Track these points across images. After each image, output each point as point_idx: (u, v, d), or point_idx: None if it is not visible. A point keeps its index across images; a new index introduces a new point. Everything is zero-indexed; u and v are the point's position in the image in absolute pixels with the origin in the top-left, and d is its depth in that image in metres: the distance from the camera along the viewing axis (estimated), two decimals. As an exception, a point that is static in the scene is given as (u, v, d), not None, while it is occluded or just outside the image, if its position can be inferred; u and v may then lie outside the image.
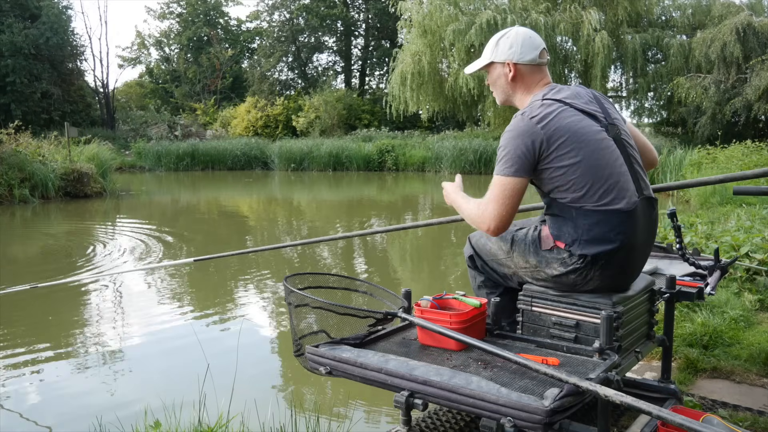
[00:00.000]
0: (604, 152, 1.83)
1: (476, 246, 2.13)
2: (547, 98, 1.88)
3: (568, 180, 1.80)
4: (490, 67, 2.04)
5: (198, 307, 5.13)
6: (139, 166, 22.86)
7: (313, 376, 1.83)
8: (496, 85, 2.05)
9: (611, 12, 19.74)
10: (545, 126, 1.80)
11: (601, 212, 1.79)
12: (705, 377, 2.75)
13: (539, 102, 1.87)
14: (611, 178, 1.80)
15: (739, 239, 4.58)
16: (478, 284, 2.18)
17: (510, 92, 2.03)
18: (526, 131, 1.81)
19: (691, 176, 10.98)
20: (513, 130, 1.84)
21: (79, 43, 31.46)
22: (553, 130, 1.80)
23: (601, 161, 1.81)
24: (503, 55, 2.00)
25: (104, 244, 7.90)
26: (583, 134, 1.82)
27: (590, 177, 1.79)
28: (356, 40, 37.19)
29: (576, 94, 1.93)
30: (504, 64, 2.00)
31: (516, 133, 1.83)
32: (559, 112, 1.83)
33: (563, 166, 1.79)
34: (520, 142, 1.81)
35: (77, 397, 3.36)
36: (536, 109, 1.84)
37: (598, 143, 1.83)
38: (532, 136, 1.80)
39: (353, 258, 7.38)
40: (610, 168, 1.81)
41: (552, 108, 1.84)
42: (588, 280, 1.83)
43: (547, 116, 1.81)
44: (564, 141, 1.79)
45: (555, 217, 1.88)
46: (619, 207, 1.79)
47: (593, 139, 1.83)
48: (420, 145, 22.29)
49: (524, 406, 1.35)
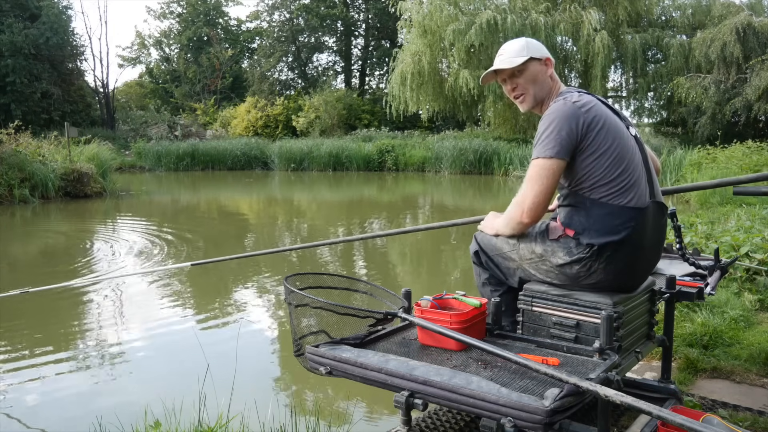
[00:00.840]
0: (630, 148, 1.90)
1: (482, 241, 2.15)
2: (581, 91, 1.95)
3: (598, 168, 1.83)
4: (527, 65, 2.02)
5: (198, 307, 5.13)
6: (139, 166, 22.85)
7: (313, 376, 1.83)
8: (536, 82, 2.02)
9: (611, 12, 19.75)
10: (588, 111, 1.85)
11: (616, 206, 1.84)
12: (705, 377, 2.75)
13: (576, 93, 1.92)
14: (633, 174, 1.86)
15: (739, 239, 4.58)
16: (482, 281, 2.19)
17: (549, 89, 2.04)
18: (571, 113, 1.84)
19: (691, 176, 10.99)
20: (557, 112, 1.86)
21: (79, 43, 31.50)
22: (594, 116, 1.85)
23: (627, 155, 1.87)
24: (539, 51, 2.03)
25: (104, 244, 7.91)
26: (616, 126, 1.89)
27: (616, 168, 1.84)
28: (356, 40, 37.22)
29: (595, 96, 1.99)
30: (542, 60, 2.03)
31: (561, 115, 1.85)
32: (596, 104, 1.90)
33: (597, 152, 1.84)
34: (564, 123, 1.83)
35: (77, 398, 3.35)
36: (577, 97, 1.89)
37: (626, 138, 1.91)
38: (576, 118, 1.84)
39: (353, 258, 7.38)
40: (634, 164, 1.88)
41: (589, 98, 1.91)
42: (591, 272, 1.85)
43: (588, 104, 1.87)
44: (601, 128, 1.84)
45: (569, 207, 1.93)
46: (633, 203, 1.84)
47: (623, 133, 1.90)
48: (420, 145, 22.28)
49: (524, 406, 1.35)
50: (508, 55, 2.04)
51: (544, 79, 2.03)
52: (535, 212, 1.89)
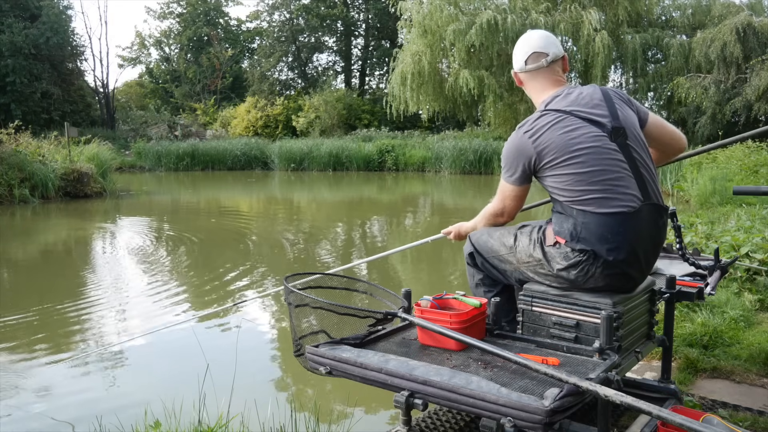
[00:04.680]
0: (602, 158, 1.84)
1: (476, 243, 2.14)
2: (549, 108, 1.94)
3: (565, 186, 1.87)
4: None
5: (197, 307, 5.13)
6: (139, 166, 22.85)
7: (313, 376, 1.83)
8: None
9: (611, 12, 19.75)
10: (536, 140, 1.89)
11: (600, 215, 1.82)
12: (705, 377, 2.75)
13: (539, 113, 1.96)
14: (609, 183, 1.82)
15: (739, 239, 4.57)
16: (476, 282, 2.18)
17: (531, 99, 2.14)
18: (520, 147, 1.94)
19: (691, 176, 10.98)
20: (510, 144, 1.98)
21: (79, 43, 31.53)
22: (545, 144, 1.88)
23: (597, 167, 1.83)
24: (515, 64, 2.14)
25: (104, 244, 7.91)
26: (576, 144, 1.85)
27: (585, 183, 1.83)
28: (356, 40, 37.20)
29: (582, 97, 1.93)
30: (514, 74, 2.16)
31: (512, 148, 1.97)
32: (553, 124, 1.89)
33: (557, 175, 1.88)
34: (515, 156, 1.96)
35: (77, 398, 3.35)
36: (532, 122, 1.94)
37: (595, 150, 1.85)
38: (524, 152, 1.93)
39: (353, 258, 7.38)
40: (609, 173, 1.83)
41: (547, 120, 1.91)
42: (589, 277, 1.84)
43: (540, 130, 1.90)
44: (555, 153, 1.87)
45: (558, 214, 1.93)
46: (617, 210, 1.81)
47: (588, 146, 1.85)
48: (420, 145, 22.28)
49: (524, 406, 1.35)
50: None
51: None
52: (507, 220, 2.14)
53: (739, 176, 9.57)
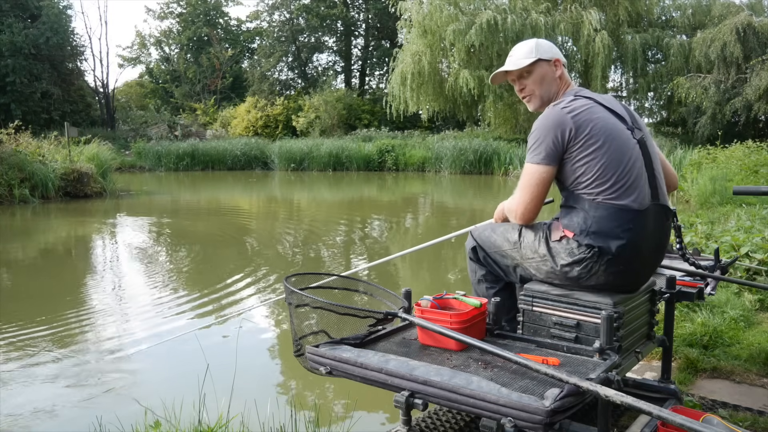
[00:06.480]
0: (628, 150, 1.89)
1: (479, 238, 2.15)
2: (579, 95, 1.97)
3: (591, 170, 1.85)
4: (535, 66, 2.06)
5: (198, 307, 5.13)
6: (139, 166, 22.85)
7: (313, 376, 1.83)
8: (543, 83, 2.06)
9: (611, 12, 19.76)
10: (576, 116, 1.87)
11: (613, 207, 1.84)
12: (705, 377, 2.75)
13: (571, 97, 1.96)
14: (630, 176, 1.86)
15: (739, 239, 4.58)
16: (478, 278, 2.18)
17: (556, 90, 2.07)
18: (557, 120, 1.88)
19: (691, 176, 10.97)
20: (545, 119, 1.91)
21: (79, 43, 31.51)
22: (583, 120, 1.87)
23: (624, 157, 1.87)
24: (548, 53, 2.07)
25: (104, 245, 7.91)
26: (610, 129, 1.89)
27: (612, 170, 1.84)
28: (356, 40, 37.22)
29: (603, 96, 2.01)
30: (551, 61, 2.07)
31: (547, 122, 1.89)
32: (590, 107, 1.91)
33: (588, 155, 1.85)
34: (550, 131, 1.88)
35: (77, 397, 3.35)
36: (568, 102, 1.92)
37: (624, 140, 1.90)
38: (561, 125, 1.87)
39: (353, 258, 7.37)
40: (631, 166, 1.87)
41: (583, 102, 1.92)
42: (592, 274, 1.85)
43: (578, 108, 1.89)
44: (591, 131, 1.86)
45: (568, 208, 1.93)
46: (631, 205, 1.84)
47: (619, 135, 1.90)
48: (420, 145, 22.28)
49: (524, 407, 1.35)
50: (518, 57, 2.08)
51: (551, 81, 2.06)
52: (526, 219, 1.99)
53: (739, 176, 9.57)
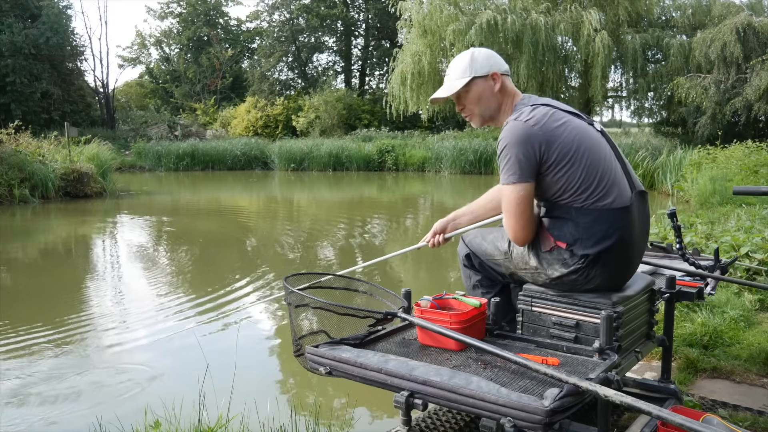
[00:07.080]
0: (600, 148, 1.86)
1: (471, 245, 2.13)
2: (537, 103, 1.88)
3: (573, 178, 1.79)
4: (471, 85, 1.96)
5: (197, 307, 5.13)
6: (139, 166, 22.84)
7: (313, 376, 1.83)
8: (481, 101, 1.97)
9: (611, 12, 19.73)
10: (542, 128, 1.79)
11: (601, 210, 1.80)
12: (705, 377, 2.75)
13: (529, 107, 1.85)
14: (608, 175, 1.82)
15: (739, 239, 4.58)
16: (473, 284, 2.16)
17: (497, 105, 1.97)
18: (523, 135, 1.78)
19: (691, 176, 10.98)
20: (511, 137, 1.80)
21: (79, 43, 31.48)
22: (551, 131, 1.79)
23: (600, 156, 1.84)
24: (484, 68, 1.96)
25: (104, 245, 7.91)
26: (580, 132, 1.84)
27: (593, 172, 1.80)
28: (356, 40, 37.19)
29: (550, 99, 1.94)
30: (488, 76, 1.96)
31: (513, 139, 1.79)
32: (551, 114, 1.83)
33: (566, 165, 1.79)
34: (519, 147, 1.78)
35: (76, 397, 3.35)
36: (529, 113, 1.82)
37: (595, 140, 1.86)
38: (529, 139, 1.78)
39: (353, 258, 7.37)
40: (606, 164, 1.84)
41: (544, 111, 1.83)
42: (589, 279, 1.84)
43: (542, 118, 1.81)
44: (563, 140, 1.80)
45: (555, 219, 1.87)
46: (616, 204, 1.81)
47: (589, 136, 1.86)
48: (420, 145, 22.27)
49: (524, 406, 1.35)
50: (453, 77, 1.98)
51: (489, 97, 1.96)
52: (524, 240, 1.89)
53: (739, 176, 9.57)
